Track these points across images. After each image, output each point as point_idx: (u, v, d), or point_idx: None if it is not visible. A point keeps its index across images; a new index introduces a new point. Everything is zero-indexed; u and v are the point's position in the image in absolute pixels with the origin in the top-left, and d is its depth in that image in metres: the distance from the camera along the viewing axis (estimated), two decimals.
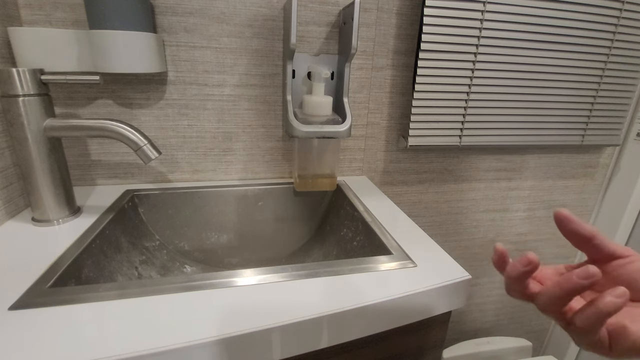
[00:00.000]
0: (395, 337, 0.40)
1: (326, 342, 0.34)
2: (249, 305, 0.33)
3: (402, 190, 0.79)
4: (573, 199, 0.94)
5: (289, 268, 0.39)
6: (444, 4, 0.64)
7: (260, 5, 0.59)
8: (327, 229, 0.64)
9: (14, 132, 0.44)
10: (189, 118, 0.62)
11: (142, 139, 0.46)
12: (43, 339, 0.28)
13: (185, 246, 0.61)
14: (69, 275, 0.38)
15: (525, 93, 0.75)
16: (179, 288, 0.35)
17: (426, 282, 0.37)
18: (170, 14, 0.56)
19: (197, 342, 0.28)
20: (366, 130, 0.72)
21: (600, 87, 0.78)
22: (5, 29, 0.50)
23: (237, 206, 0.64)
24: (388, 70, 0.69)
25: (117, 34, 0.49)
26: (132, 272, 0.49)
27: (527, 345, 0.95)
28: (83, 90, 0.57)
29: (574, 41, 0.73)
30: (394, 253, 0.43)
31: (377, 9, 0.64)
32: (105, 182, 0.63)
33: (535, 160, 0.86)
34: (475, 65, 0.70)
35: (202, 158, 0.65)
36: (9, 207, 0.50)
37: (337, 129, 0.55)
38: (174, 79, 0.59)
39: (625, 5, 0.72)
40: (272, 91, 0.64)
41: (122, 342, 0.28)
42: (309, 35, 0.62)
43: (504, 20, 0.68)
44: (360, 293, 0.35)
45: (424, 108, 0.70)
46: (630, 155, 0.88)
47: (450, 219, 0.86)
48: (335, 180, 0.62)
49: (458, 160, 0.80)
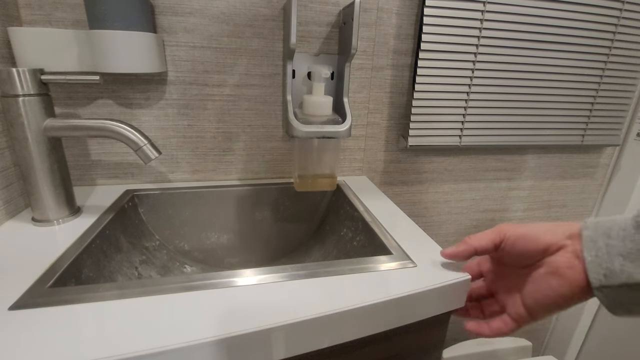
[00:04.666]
0: (395, 337, 0.40)
1: (326, 342, 0.34)
2: (249, 305, 0.33)
3: (402, 190, 0.79)
4: (573, 199, 0.94)
5: (289, 268, 0.39)
6: (444, 4, 0.64)
7: (260, 5, 0.59)
8: (327, 228, 0.64)
9: (14, 132, 0.44)
10: (189, 118, 0.62)
11: (142, 139, 0.46)
12: (43, 339, 0.28)
13: (185, 246, 0.61)
14: (69, 275, 0.38)
15: (526, 93, 0.75)
16: (179, 288, 0.35)
17: (426, 282, 0.37)
18: (170, 14, 0.56)
19: (197, 342, 0.28)
20: (366, 130, 0.72)
21: (600, 87, 0.78)
22: (5, 29, 0.50)
23: (237, 206, 0.64)
24: (388, 70, 0.69)
25: (117, 34, 0.49)
26: (132, 272, 0.49)
27: (527, 345, 0.95)
28: (83, 90, 0.57)
29: (574, 41, 0.73)
30: (394, 253, 0.43)
31: (377, 9, 0.64)
32: (105, 182, 0.63)
33: (535, 160, 0.86)
34: (475, 65, 0.70)
35: (202, 158, 0.65)
36: (9, 207, 0.50)
37: (337, 129, 0.55)
38: (174, 79, 0.59)
39: (625, 5, 0.72)
40: (272, 91, 0.64)
41: (122, 342, 0.28)
42: (309, 35, 0.62)
43: (504, 20, 0.68)
44: (360, 293, 0.35)
45: (424, 108, 0.70)
46: (630, 155, 0.88)
47: (450, 219, 0.86)
48: (335, 180, 0.62)
49: (458, 160, 0.80)
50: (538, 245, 0.33)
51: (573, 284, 0.31)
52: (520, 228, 0.34)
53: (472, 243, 0.37)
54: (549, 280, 0.32)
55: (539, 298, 0.33)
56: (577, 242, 0.31)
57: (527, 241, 0.33)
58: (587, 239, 0.30)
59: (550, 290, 0.32)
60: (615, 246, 0.28)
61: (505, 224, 0.36)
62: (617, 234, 0.29)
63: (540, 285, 0.33)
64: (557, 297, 0.32)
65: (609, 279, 0.28)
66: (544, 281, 0.32)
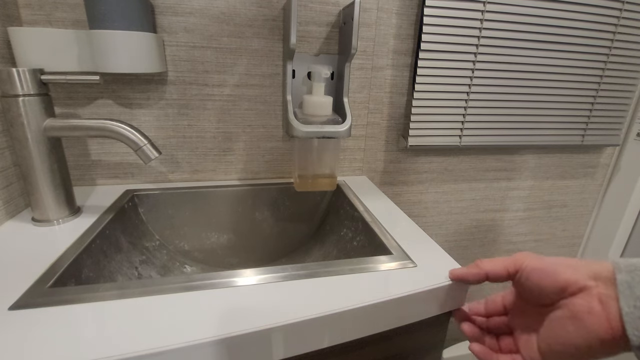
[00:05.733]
0: (395, 337, 0.40)
1: (326, 342, 0.34)
2: (249, 305, 0.33)
3: (402, 190, 0.79)
4: (573, 199, 0.94)
5: (289, 268, 0.39)
6: (444, 4, 0.64)
7: (260, 5, 0.59)
8: (327, 228, 0.64)
9: (14, 132, 0.44)
10: (189, 118, 0.62)
11: (142, 139, 0.46)
12: (43, 339, 0.28)
13: (185, 246, 0.61)
14: (69, 275, 0.38)
15: (526, 93, 0.75)
16: (179, 288, 0.35)
17: (426, 282, 0.37)
18: (170, 14, 0.56)
19: (197, 342, 0.28)
20: (366, 130, 0.72)
21: (600, 87, 0.78)
22: (5, 29, 0.50)
23: (237, 206, 0.64)
24: (388, 70, 0.69)
25: (117, 34, 0.49)
26: (132, 272, 0.49)
27: None
28: (83, 90, 0.57)
29: (574, 41, 0.73)
30: (394, 253, 0.43)
31: (377, 9, 0.64)
32: (105, 182, 0.63)
33: (535, 160, 0.86)
34: (475, 65, 0.70)
35: (202, 158, 0.65)
36: (9, 207, 0.50)
37: (337, 129, 0.55)
38: (174, 79, 0.59)
39: (625, 5, 0.72)
40: (272, 91, 0.64)
41: (122, 342, 0.28)
42: (309, 35, 0.62)
43: (504, 20, 0.68)
44: (360, 293, 0.35)
45: (424, 108, 0.70)
46: (630, 155, 0.88)
47: (450, 219, 0.86)
48: (335, 180, 0.62)
49: (458, 160, 0.80)
50: (556, 282, 0.28)
51: (592, 334, 0.26)
52: (539, 260, 0.30)
53: (484, 267, 0.34)
54: (566, 325, 0.28)
55: (553, 345, 0.29)
56: (604, 285, 0.26)
57: (543, 275, 0.29)
58: (624, 285, 0.25)
59: (565, 338, 0.28)
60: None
61: (524, 253, 0.32)
62: None
63: (556, 331, 0.28)
64: (572, 346, 0.27)
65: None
66: (560, 326, 0.28)
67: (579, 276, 0.27)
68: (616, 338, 0.25)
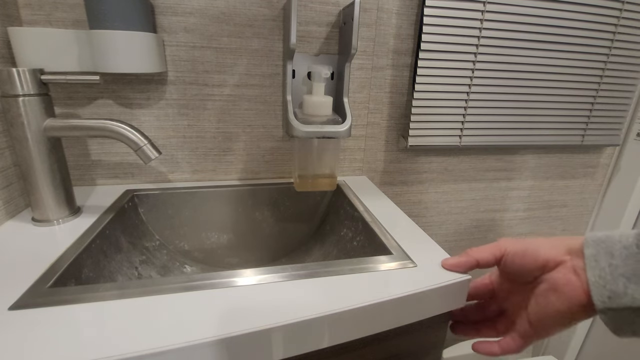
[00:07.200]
0: (395, 337, 0.40)
1: (326, 342, 0.34)
2: (249, 305, 0.33)
3: (402, 190, 0.79)
4: (573, 199, 0.94)
5: (289, 268, 0.39)
6: (444, 4, 0.64)
7: (260, 5, 0.59)
8: (327, 228, 0.64)
9: (14, 132, 0.44)
10: (189, 118, 0.62)
11: (142, 139, 0.46)
12: (43, 339, 0.28)
13: (185, 246, 0.61)
14: (69, 275, 0.38)
15: (526, 93, 0.75)
16: (179, 288, 0.35)
17: (426, 282, 0.37)
18: (170, 14, 0.56)
19: (197, 342, 0.28)
20: (366, 130, 0.72)
21: (600, 87, 0.78)
22: (5, 29, 0.50)
23: (237, 206, 0.64)
24: (388, 70, 0.69)
25: (117, 34, 0.49)
26: (132, 272, 0.49)
27: None
28: (83, 90, 0.57)
29: (574, 41, 0.73)
30: (394, 253, 0.43)
31: (377, 9, 0.64)
32: (105, 182, 0.63)
33: (535, 160, 0.86)
34: (475, 65, 0.70)
35: (202, 158, 0.65)
36: (9, 207, 0.50)
37: (337, 129, 0.55)
38: (174, 79, 0.59)
39: (625, 5, 0.72)
40: (272, 91, 0.64)
41: (122, 342, 0.28)
42: (309, 35, 0.62)
43: (504, 20, 0.68)
44: (360, 293, 0.35)
45: (424, 108, 0.70)
46: (630, 155, 0.88)
47: (450, 219, 0.86)
48: (335, 180, 0.62)
49: (458, 160, 0.80)
50: (537, 261, 0.32)
51: (572, 302, 0.30)
52: (519, 243, 0.34)
53: (474, 255, 0.37)
54: (549, 296, 0.32)
55: (541, 315, 0.33)
56: (577, 258, 0.30)
57: (525, 256, 0.33)
58: (590, 258, 0.29)
59: (549, 308, 0.31)
60: (618, 266, 0.27)
61: (505, 239, 0.36)
62: (619, 253, 0.28)
63: (541, 302, 0.32)
64: (557, 314, 0.31)
65: (613, 301, 0.27)
66: (544, 298, 0.32)
67: (556, 252, 0.32)
68: (591, 303, 0.29)
